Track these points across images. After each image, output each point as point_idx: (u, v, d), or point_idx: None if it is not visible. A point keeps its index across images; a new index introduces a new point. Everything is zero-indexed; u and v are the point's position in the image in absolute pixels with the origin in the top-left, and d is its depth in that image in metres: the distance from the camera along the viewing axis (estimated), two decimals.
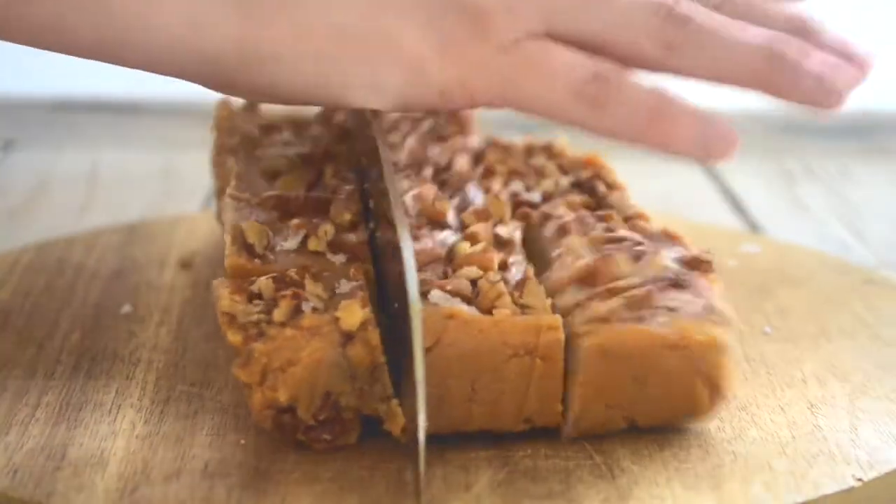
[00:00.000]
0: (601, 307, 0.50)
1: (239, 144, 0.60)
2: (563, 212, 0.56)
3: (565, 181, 0.62)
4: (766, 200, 0.88)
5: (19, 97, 1.11)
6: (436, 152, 0.61)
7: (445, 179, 0.58)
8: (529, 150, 0.67)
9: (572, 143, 0.67)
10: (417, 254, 0.52)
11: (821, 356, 0.58)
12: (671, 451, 0.50)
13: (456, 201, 0.57)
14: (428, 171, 0.58)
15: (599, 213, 0.57)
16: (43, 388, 0.54)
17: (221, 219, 0.64)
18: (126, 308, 0.62)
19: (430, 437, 0.49)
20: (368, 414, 0.49)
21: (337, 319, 0.48)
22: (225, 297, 0.49)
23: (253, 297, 0.49)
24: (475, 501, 0.46)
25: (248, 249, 0.52)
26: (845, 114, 0.53)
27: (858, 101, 0.55)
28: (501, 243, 0.54)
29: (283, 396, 0.48)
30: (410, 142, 0.60)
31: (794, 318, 0.61)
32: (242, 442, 0.50)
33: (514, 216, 0.58)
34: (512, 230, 0.55)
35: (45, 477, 0.47)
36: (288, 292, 0.49)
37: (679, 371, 0.49)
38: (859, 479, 0.48)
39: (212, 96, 0.57)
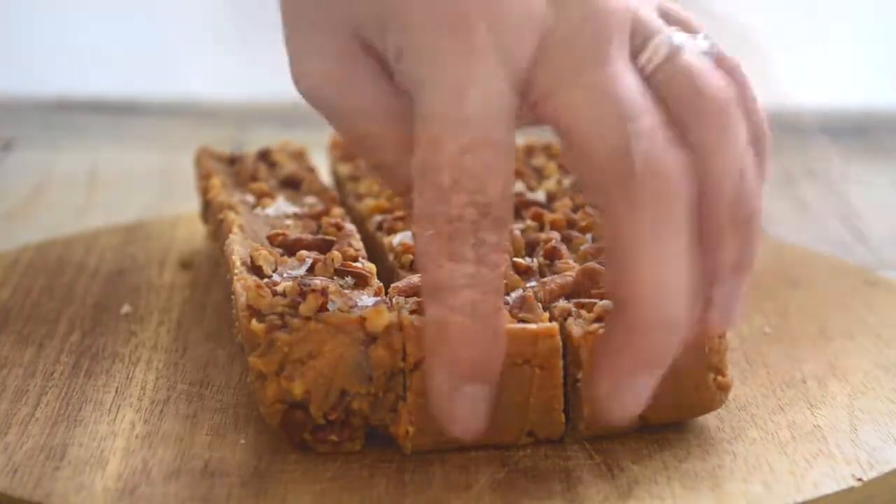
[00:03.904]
0: (596, 308, 0.50)
1: (239, 203, 0.60)
2: (545, 234, 0.56)
3: (567, 181, 0.62)
4: (767, 200, 0.88)
5: (19, 97, 1.11)
6: None
7: None
8: (529, 151, 0.67)
9: None
10: None
11: (821, 356, 0.58)
12: (671, 451, 0.50)
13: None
14: None
15: (582, 223, 0.57)
16: (43, 387, 0.54)
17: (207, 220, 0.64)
18: (126, 308, 0.62)
19: (432, 452, 0.49)
20: (376, 424, 0.49)
21: (363, 320, 0.48)
22: (251, 289, 0.49)
23: (276, 295, 0.49)
24: (475, 501, 0.46)
25: (256, 272, 0.52)
26: (845, 114, 0.53)
27: (858, 100, 0.54)
28: (521, 271, 0.54)
29: (298, 389, 0.48)
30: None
31: (794, 318, 0.61)
32: (242, 442, 0.50)
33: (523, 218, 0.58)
34: (530, 260, 0.55)
35: (45, 477, 0.47)
36: (317, 287, 0.49)
37: (683, 360, 0.49)
38: (859, 479, 0.48)
39: (210, 96, 0.57)
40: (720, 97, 0.46)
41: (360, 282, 0.52)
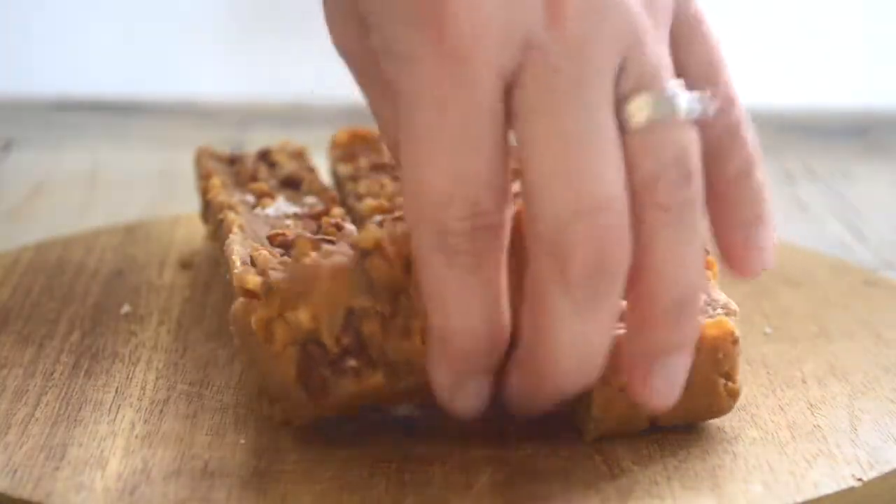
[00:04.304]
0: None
1: (239, 203, 0.61)
2: None
3: None
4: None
5: (19, 97, 1.11)
6: None
7: None
8: None
9: None
10: None
11: (821, 356, 0.58)
12: (671, 451, 0.49)
13: None
14: None
15: None
16: (42, 387, 0.54)
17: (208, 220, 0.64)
18: (126, 308, 0.62)
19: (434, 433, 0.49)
20: (393, 361, 0.48)
21: (354, 243, 0.48)
22: (243, 273, 0.49)
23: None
24: (475, 501, 0.46)
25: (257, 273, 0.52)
26: (845, 114, 0.53)
27: (858, 100, 0.54)
28: None
29: (304, 316, 0.47)
30: None
31: (794, 318, 0.61)
32: (242, 442, 0.50)
33: None
34: None
35: (45, 477, 0.47)
36: (305, 235, 0.49)
37: (697, 365, 0.49)
38: (859, 479, 0.48)
39: (210, 96, 0.57)
40: (679, 198, 0.44)
41: None
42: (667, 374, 0.46)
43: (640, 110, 0.44)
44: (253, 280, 0.48)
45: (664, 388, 0.46)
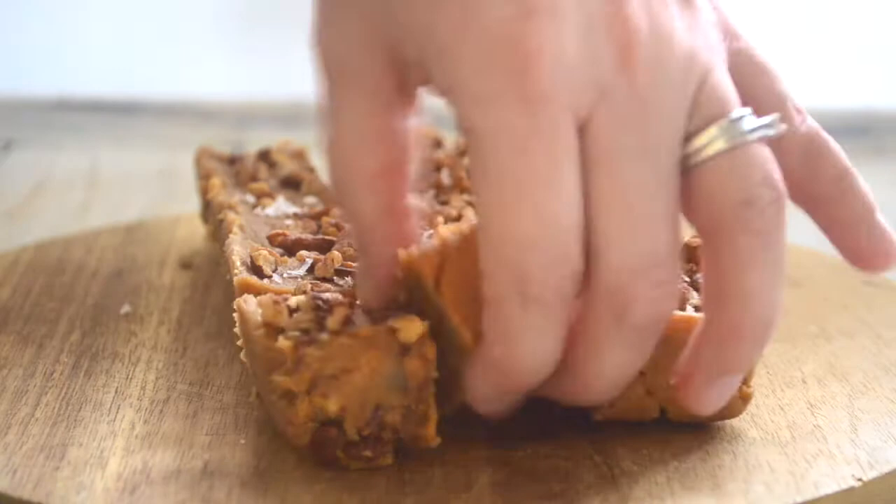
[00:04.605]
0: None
1: (239, 203, 0.60)
2: None
3: None
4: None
5: (19, 97, 1.11)
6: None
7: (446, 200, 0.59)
8: None
9: None
10: None
11: (821, 356, 0.58)
12: (671, 451, 0.49)
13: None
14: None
15: None
16: (42, 387, 0.54)
17: (208, 221, 0.64)
18: (126, 308, 0.62)
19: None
20: (406, 439, 0.48)
21: (395, 331, 0.46)
22: (268, 306, 0.47)
23: (291, 311, 0.47)
24: (475, 501, 0.46)
25: (256, 272, 0.52)
26: (845, 114, 0.53)
27: (859, 100, 0.54)
28: None
29: (333, 406, 0.46)
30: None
31: (794, 318, 0.61)
32: (242, 441, 0.50)
33: None
34: None
35: (45, 477, 0.47)
36: (344, 301, 0.47)
37: None
38: (859, 479, 0.48)
39: (210, 96, 0.57)
40: (775, 220, 0.44)
41: None
42: (723, 388, 0.46)
43: (714, 140, 0.43)
44: (284, 342, 0.46)
45: (715, 400, 0.46)
